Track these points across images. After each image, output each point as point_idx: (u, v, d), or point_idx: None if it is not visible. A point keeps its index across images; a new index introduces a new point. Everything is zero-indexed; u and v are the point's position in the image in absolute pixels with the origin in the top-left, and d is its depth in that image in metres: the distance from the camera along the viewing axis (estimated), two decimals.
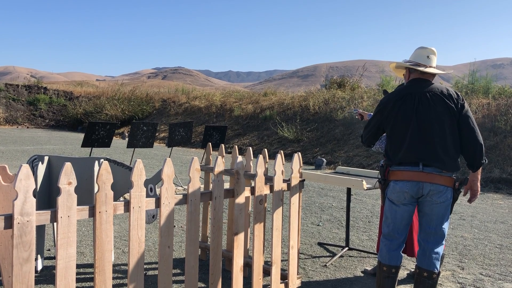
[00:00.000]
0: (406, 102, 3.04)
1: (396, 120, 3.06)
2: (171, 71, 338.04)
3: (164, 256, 2.62)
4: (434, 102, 3.00)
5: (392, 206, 3.11)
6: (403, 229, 3.11)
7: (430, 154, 2.96)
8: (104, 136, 7.53)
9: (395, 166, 3.08)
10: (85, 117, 24.06)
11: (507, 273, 4.28)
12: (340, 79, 20.86)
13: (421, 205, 3.07)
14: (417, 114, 3.00)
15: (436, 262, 3.06)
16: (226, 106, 20.47)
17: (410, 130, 3.01)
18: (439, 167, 2.96)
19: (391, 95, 3.16)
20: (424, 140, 2.98)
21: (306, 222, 6.04)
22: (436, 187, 2.96)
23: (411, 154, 2.99)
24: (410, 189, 2.99)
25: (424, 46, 3.24)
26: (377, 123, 3.19)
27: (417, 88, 3.07)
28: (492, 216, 6.83)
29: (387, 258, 3.11)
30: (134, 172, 2.44)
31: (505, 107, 11.92)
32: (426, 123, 2.98)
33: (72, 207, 2.19)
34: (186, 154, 14.85)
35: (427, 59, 3.17)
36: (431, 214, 3.03)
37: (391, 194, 3.10)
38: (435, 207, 3.00)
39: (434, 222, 3.03)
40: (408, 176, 2.99)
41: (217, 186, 2.91)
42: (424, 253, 3.08)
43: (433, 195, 2.98)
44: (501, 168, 9.92)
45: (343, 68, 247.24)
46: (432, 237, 3.06)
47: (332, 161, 12.75)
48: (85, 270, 3.96)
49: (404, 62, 3.24)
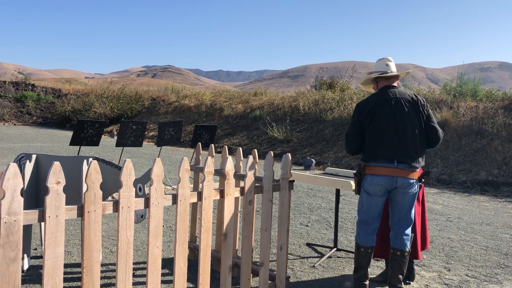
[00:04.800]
0: (384, 107, 3.49)
1: (375, 123, 3.49)
2: (161, 69, 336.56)
3: (153, 256, 2.61)
4: (407, 107, 3.48)
5: (368, 197, 3.57)
6: (377, 216, 3.60)
7: (403, 152, 3.43)
8: (93, 135, 7.47)
9: (372, 162, 3.52)
10: (73, 115, 23.84)
11: (493, 275, 4.33)
12: (330, 80, 20.92)
13: (394, 195, 3.53)
14: (394, 117, 3.46)
15: (407, 243, 3.55)
16: (216, 105, 20.44)
17: (388, 131, 3.45)
18: (410, 164, 3.44)
19: (368, 100, 3.59)
20: (399, 140, 3.44)
21: (295, 222, 6.06)
22: (407, 180, 3.45)
23: (388, 152, 3.44)
24: (386, 182, 3.45)
25: (381, 58, 3.74)
26: (358, 123, 3.59)
27: (391, 94, 3.54)
28: (478, 218, 6.91)
29: (364, 240, 3.60)
30: (123, 172, 2.43)
31: (492, 110, 12.07)
32: (402, 126, 3.45)
33: (60, 207, 2.17)
34: (175, 153, 14.80)
35: (387, 67, 3.67)
36: (403, 203, 3.52)
37: (368, 186, 3.54)
38: (406, 196, 3.49)
39: (405, 209, 3.53)
40: (385, 172, 3.45)
41: (206, 187, 2.90)
42: (397, 235, 3.57)
43: (405, 188, 3.46)
44: (487, 171, 10.04)
45: (333, 69, 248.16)
46: (404, 222, 3.55)
47: (321, 161, 12.80)
48: (73, 270, 3.93)
49: (369, 74, 3.75)
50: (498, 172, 9.88)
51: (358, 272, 3.61)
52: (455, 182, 10.01)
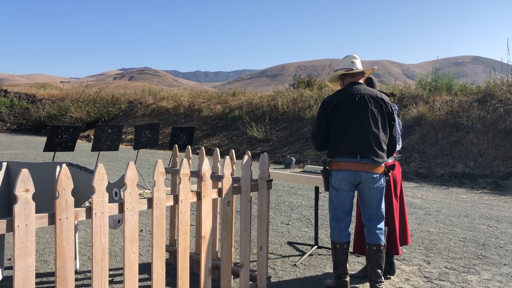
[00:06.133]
0: (349, 103, 3.52)
1: (339, 118, 3.52)
2: (138, 71, 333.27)
3: (129, 262, 2.55)
4: (371, 104, 3.53)
5: (336, 192, 3.59)
6: (347, 212, 3.62)
7: (366, 147, 3.47)
8: (68, 140, 7.32)
9: (336, 158, 3.56)
10: (49, 120, 23.39)
11: (471, 266, 4.39)
12: (308, 79, 21.02)
13: (360, 191, 3.57)
14: (357, 113, 3.49)
15: (381, 236, 3.57)
16: (195, 106, 20.31)
17: (351, 126, 3.48)
18: (373, 158, 3.47)
19: (333, 96, 3.62)
20: (362, 135, 3.47)
21: (276, 221, 6.04)
22: (371, 175, 3.47)
23: (351, 147, 3.48)
24: (350, 177, 3.49)
25: (346, 55, 3.81)
26: (323, 119, 3.62)
27: (356, 90, 3.57)
28: (456, 210, 7.02)
29: (338, 236, 3.61)
30: (95, 177, 2.37)
31: (467, 104, 12.28)
32: (364, 121, 3.48)
33: (30, 215, 2.10)
34: (153, 156, 14.64)
35: (352, 64, 3.73)
36: (370, 198, 3.54)
37: (334, 182, 3.57)
38: (373, 192, 3.52)
39: (374, 204, 3.55)
40: (348, 166, 3.49)
41: (182, 189, 2.86)
42: (370, 231, 3.59)
43: (369, 182, 3.48)
44: (464, 163, 10.22)
45: (311, 68, 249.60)
46: (375, 217, 3.57)
47: (301, 159, 12.84)
48: (49, 279, 3.83)
49: (335, 72, 3.81)
50: (474, 164, 10.06)
51: (338, 269, 3.62)
52: (433, 175, 10.15)
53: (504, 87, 12.37)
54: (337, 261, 3.63)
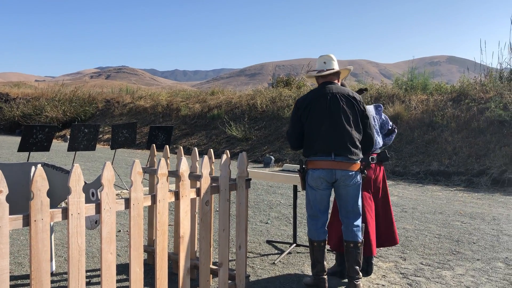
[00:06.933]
0: (321, 102, 3.59)
1: (312, 117, 3.59)
2: (115, 70, 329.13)
3: (107, 262, 2.53)
4: (343, 102, 3.58)
5: (312, 191, 3.65)
6: (324, 210, 3.68)
7: (340, 145, 3.52)
8: (43, 140, 7.19)
9: (312, 157, 3.61)
10: (23, 119, 22.88)
11: (445, 261, 4.49)
12: (287, 78, 21.10)
13: (336, 189, 3.63)
14: (329, 111, 3.56)
15: (358, 233, 3.63)
16: (173, 105, 20.17)
17: (324, 125, 3.55)
18: (347, 156, 3.51)
19: (306, 96, 3.70)
20: (335, 134, 3.53)
21: (255, 220, 6.06)
22: (346, 173, 3.53)
23: (325, 145, 3.53)
24: (325, 175, 3.54)
25: (321, 55, 3.84)
26: (297, 118, 3.69)
27: (328, 89, 3.64)
28: (431, 207, 7.16)
29: (315, 235, 3.68)
30: (71, 178, 2.34)
31: (442, 103, 12.52)
32: (337, 119, 3.55)
33: (3, 217, 2.07)
34: (131, 155, 14.49)
35: (324, 65, 3.77)
36: (346, 196, 3.60)
37: (310, 180, 3.63)
38: (349, 189, 3.58)
39: (351, 202, 3.61)
40: (323, 165, 3.54)
41: (160, 189, 2.85)
42: (347, 228, 3.64)
43: (345, 180, 3.54)
44: (439, 161, 10.42)
45: (289, 67, 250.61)
46: (351, 214, 3.63)
47: (280, 158, 12.89)
48: (24, 282, 3.77)
49: (308, 73, 3.95)
50: (449, 162, 10.27)
51: (316, 266, 3.67)
52: (409, 173, 10.33)
53: (477, 87, 12.66)
54: (315, 259, 3.68)
